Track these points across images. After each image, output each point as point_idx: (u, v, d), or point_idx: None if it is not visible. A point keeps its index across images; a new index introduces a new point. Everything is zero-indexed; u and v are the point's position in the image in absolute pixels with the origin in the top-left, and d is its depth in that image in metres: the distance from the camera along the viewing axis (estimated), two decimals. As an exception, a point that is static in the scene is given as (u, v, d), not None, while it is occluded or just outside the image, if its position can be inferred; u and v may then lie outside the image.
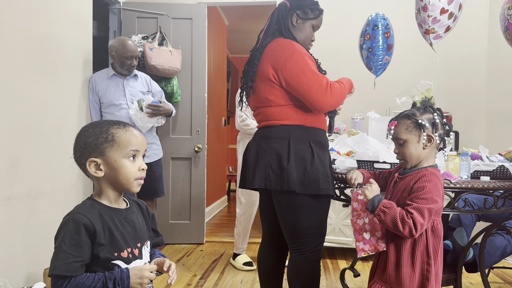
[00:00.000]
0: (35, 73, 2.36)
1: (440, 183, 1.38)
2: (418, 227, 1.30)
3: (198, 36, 3.70)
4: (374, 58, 2.91)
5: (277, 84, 1.74)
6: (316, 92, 1.68)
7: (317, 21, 1.85)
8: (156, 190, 3.03)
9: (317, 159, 1.70)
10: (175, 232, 3.71)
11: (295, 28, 1.83)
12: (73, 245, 1.04)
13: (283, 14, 1.82)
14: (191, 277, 2.93)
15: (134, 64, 2.90)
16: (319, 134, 1.79)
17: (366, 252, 1.44)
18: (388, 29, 2.88)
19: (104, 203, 1.14)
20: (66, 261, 1.03)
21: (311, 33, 1.86)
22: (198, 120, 3.73)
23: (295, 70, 1.69)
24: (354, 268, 2.39)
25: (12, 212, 2.16)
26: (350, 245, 3.31)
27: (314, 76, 1.69)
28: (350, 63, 3.60)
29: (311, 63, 1.74)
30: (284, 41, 1.76)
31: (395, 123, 1.48)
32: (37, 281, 2.23)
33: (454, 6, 2.40)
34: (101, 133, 1.12)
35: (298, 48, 1.74)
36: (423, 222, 1.30)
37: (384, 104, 3.33)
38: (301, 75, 1.69)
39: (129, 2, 3.69)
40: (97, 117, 2.93)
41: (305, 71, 1.69)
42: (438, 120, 1.42)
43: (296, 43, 1.76)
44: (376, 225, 1.44)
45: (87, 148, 1.11)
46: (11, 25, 2.16)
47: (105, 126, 1.14)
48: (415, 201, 1.33)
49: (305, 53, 1.74)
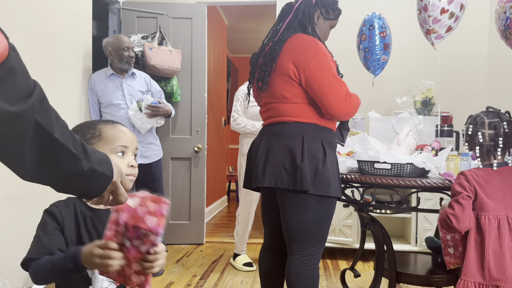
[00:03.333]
0: (35, 73, 2.34)
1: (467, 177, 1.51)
2: (451, 218, 1.47)
3: (198, 36, 3.69)
4: (372, 58, 2.90)
5: (296, 82, 1.68)
6: (336, 99, 1.66)
7: (336, 21, 1.85)
8: (156, 190, 3.02)
9: (328, 159, 1.67)
10: (175, 232, 3.70)
11: (315, 26, 1.79)
12: (46, 231, 1.03)
13: (309, 9, 1.76)
14: (191, 278, 2.92)
15: (132, 55, 2.89)
16: (331, 135, 1.77)
17: (453, 265, 1.63)
18: (384, 29, 2.87)
19: (84, 201, 1.11)
20: (39, 245, 1.01)
21: (328, 33, 1.85)
22: (198, 120, 3.72)
23: (318, 71, 1.65)
24: (355, 268, 2.39)
25: (11, 212, 2.15)
26: (351, 245, 3.30)
27: (336, 81, 1.67)
28: (349, 63, 3.59)
29: (333, 66, 1.71)
30: (308, 38, 1.70)
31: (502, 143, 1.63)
32: (36, 282, 2.23)
33: (455, 6, 2.39)
34: (88, 129, 1.11)
35: (322, 48, 1.70)
36: (453, 212, 1.48)
37: (384, 104, 3.32)
38: (323, 77, 1.65)
39: (128, 2, 3.69)
40: (97, 117, 2.92)
41: (328, 74, 1.66)
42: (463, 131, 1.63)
43: (320, 42, 1.72)
44: (457, 241, 1.61)
45: None
46: (10, 24, 2.15)
47: (93, 123, 1.14)
48: None
49: (328, 54, 1.71)
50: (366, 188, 1.85)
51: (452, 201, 1.50)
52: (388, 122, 2.56)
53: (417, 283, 1.99)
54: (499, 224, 1.49)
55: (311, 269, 1.73)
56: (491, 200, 1.49)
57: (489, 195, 1.50)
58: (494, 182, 1.51)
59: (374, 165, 1.79)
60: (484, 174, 1.52)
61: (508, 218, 1.50)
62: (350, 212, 3.28)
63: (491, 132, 1.55)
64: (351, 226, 3.29)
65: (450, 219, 1.47)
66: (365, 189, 1.86)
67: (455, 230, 1.51)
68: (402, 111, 2.77)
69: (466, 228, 1.48)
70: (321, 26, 1.80)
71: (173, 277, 2.94)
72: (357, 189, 1.92)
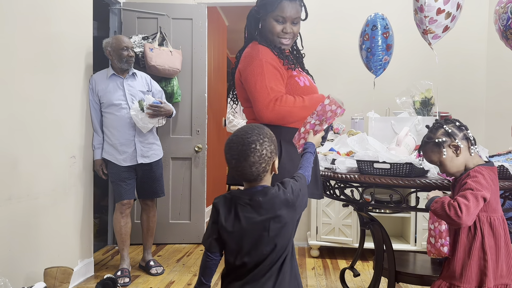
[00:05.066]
0: (36, 73, 2.36)
1: (484, 178, 1.44)
2: (463, 207, 1.37)
3: (198, 36, 3.70)
4: (374, 58, 2.91)
5: (243, 87, 1.79)
6: (258, 105, 1.69)
7: (277, 11, 1.75)
8: (156, 190, 3.04)
9: (285, 158, 1.70)
10: (175, 232, 3.71)
11: (263, 28, 1.82)
12: None
13: (253, 18, 1.85)
14: (191, 277, 2.93)
15: (131, 55, 2.91)
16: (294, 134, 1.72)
17: (433, 254, 1.57)
18: (387, 29, 2.88)
19: None
20: None
21: (278, 27, 1.77)
22: (198, 120, 3.73)
23: (249, 78, 1.71)
24: (354, 268, 2.40)
25: (12, 212, 2.16)
26: (350, 245, 3.32)
27: (262, 88, 1.68)
28: (350, 63, 3.61)
29: (270, 72, 1.70)
30: (253, 47, 1.77)
31: (420, 155, 1.60)
32: (37, 281, 2.24)
33: (451, 6, 2.39)
34: (271, 136, 1.29)
35: (261, 55, 1.72)
36: (467, 203, 1.37)
37: (384, 104, 3.34)
38: (252, 84, 1.70)
39: (129, 3, 3.70)
40: (97, 117, 2.94)
41: (256, 81, 1.69)
42: (450, 129, 1.52)
43: (262, 50, 1.74)
44: (440, 233, 1.55)
45: (272, 155, 1.27)
46: (12, 24, 2.16)
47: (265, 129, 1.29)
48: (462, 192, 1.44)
49: (267, 61, 1.71)
50: (366, 187, 1.86)
51: (469, 192, 1.39)
52: (387, 122, 2.57)
53: (416, 282, 2.00)
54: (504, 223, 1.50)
55: None
56: (495, 201, 1.49)
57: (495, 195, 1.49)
58: (495, 181, 1.50)
59: (373, 165, 1.80)
60: (492, 172, 1.50)
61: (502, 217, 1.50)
62: (349, 212, 3.29)
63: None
64: (350, 226, 3.30)
65: (461, 208, 1.36)
66: (364, 189, 1.87)
67: (455, 222, 1.38)
68: (402, 111, 2.78)
69: (469, 224, 1.41)
70: (265, 24, 1.81)
71: (173, 276, 2.95)
72: (356, 188, 1.93)
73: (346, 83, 3.66)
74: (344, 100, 1.84)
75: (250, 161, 1.22)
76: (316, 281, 2.87)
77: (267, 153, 1.24)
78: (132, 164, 2.91)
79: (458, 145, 1.49)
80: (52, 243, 2.52)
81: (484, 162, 1.53)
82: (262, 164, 1.23)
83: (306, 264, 3.25)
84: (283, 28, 1.78)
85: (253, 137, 1.23)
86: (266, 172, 1.25)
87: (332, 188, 2.06)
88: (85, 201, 2.89)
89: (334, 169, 1.95)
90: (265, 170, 1.25)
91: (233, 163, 1.24)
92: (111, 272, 2.94)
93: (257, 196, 1.24)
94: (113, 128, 2.89)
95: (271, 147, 1.26)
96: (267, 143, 1.24)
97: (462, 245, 1.48)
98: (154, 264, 3.04)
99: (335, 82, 3.68)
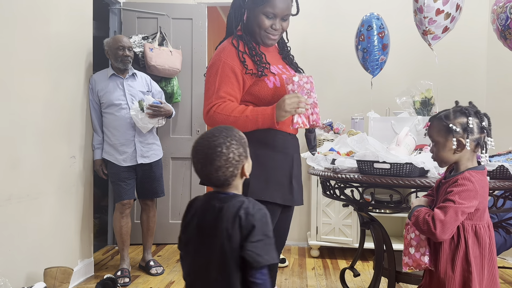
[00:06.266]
0: (36, 73, 2.36)
1: (474, 186, 1.32)
2: (437, 224, 1.29)
3: (198, 36, 3.70)
4: (370, 58, 2.91)
5: None
6: (203, 108, 1.70)
7: (268, 6, 1.66)
8: (156, 190, 3.04)
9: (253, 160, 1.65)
10: (175, 232, 3.71)
11: (248, 20, 1.73)
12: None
13: (236, 9, 1.76)
14: (191, 277, 2.93)
15: (127, 54, 2.90)
16: (267, 134, 1.67)
17: (410, 268, 1.44)
18: (382, 29, 2.88)
19: None
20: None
21: (267, 22, 1.68)
22: (198, 120, 3.73)
23: (206, 78, 1.72)
24: (354, 268, 2.39)
25: (12, 212, 2.16)
26: (350, 245, 3.32)
27: (209, 90, 1.67)
28: (350, 63, 3.60)
29: (225, 76, 1.65)
30: (221, 45, 1.74)
31: (429, 124, 1.46)
32: (37, 281, 2.24)
33: (450, 6, 2.39)
34: (241, 138, 1.21)
35: (222, 56, 1.67)
36: (443, 218, 1.29)
37: (384, 104, 3.33)
38: (205, 85, 1.72)
39: (129, 2, 3.70)
40: (97, 117, 2.94)
41: (209, 81, 1.69)
42: (472, 124, 1.36)
43: (227, 49, 1.69)
44: (421, 241, 1.43)
45: (241, 159, 1.19)
46: (11, 24, 2.16)
47: (234, 132, 1.22)
48: (443, 203, 1.33)
49: (225, 63, 1.66)
50: (366, 187, 1.86)
51: (450, 206, 1.30)
52: (387, 122, 2.57)
53: (417, 282, 2.00)
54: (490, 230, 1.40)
55: None
56: (483, 208, 1.38)
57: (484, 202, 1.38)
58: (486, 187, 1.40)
59: (373, 165, 1.80)
60: (483, 177, 1.39)
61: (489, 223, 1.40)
62: (349, 212, 3.29)
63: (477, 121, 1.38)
64: (350, 226, 3.30)
65: (435, 225, 1.29)
66: (364, 189, 1.87)
67: (432, 237, 1.32)
68: (402, 111, 2.78)
69: (445, 239, 1.34)
70: (253, 18, 1.71)
71: (173, 276, 2.95)
72: (356, 188, 1.93)
73: (346, 83, 3.66)
74: (344, 100, 1.86)
75: (216, 165, 1.14)
76: (316, 281, 2.87)
77: (235, 156, 1.16)
78: (132, 164, 2.91)
79: (464, 144, 1.35)
80: (52, 243, 2.51)
81: (476, 165, 1.40)
82: (229, 168, 1.16)
83: (306, 264, 3.25)
84: (272, 24, 1.70)
85: (220, 140, 1.16)
86: (234, 176, 1.18)
87: (332, 188, 2.06)
88: (85, 201, 2.89)
89: (334, 169, 1.95)
90: (234, 174, 1.18)
91: (199, 167, 1.17)
92: (111, 272, 2.94)
93: (213, 201, 1.19)
94: (113, 128, 2.89)
95: (239, 150, 1.18)
96: (234, 145, 1.17)
97: (444, 255, 1.37)
98: (154, 264, 3.04)
99: (335, 82, 3.67)
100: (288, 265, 3.20)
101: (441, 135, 1.40)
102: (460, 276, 1.35)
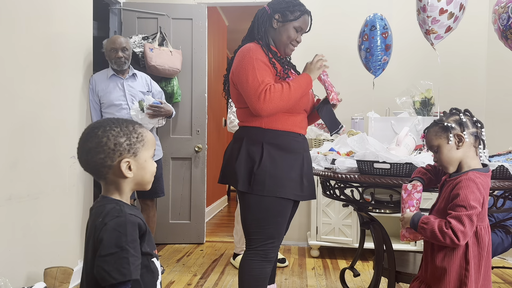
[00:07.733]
0: (36, 73, 2.36)
1: (478, 187, 1.35)
2: (460, 235, 1.30)
3: (198, 36, 3.70)
4: (373, 59, 2.91)
5: (236, 88, 1.81)
6: (251, 99, 1.70)
7: (299, 22, 1.85)
8: (156, 190, 3.04)
9: (267, 160, 1.74)
10: (175, 232, 3.71)
11: (276, 31, 1.86)
12: (135, 247, 0.98)
13: (262, 19, 1.87)
14: (191, 277, 2.93)
15: (119, 56, 2.87)
16: (278, 136, 1.79)
17: (407, 239, 1.51)
18: (386, 30, 2.88)
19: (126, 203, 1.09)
20: (136, 264, 0.96)
21: (294, 35, 1.86)
22: (198, 120, 3.73)
23: (241, 75, 1.73)
24: (354, 268, 2.40)
25: (12, 212, 2.16)
26: (350, 245, 3.32)
27: (254, 82, 1.70)
28: (350, 63, 3.60)
29: (262, 68, 1.72)
30: (246, 46, 1.80)
31: (424, 134, 1.52)
32: (37, 281, 2.24)
33: (454, 6, 2.39)
34: (131, 133, 1.06)
35: (252, 53, 1.74)
36: (464, 229, 1.30)
37: (384, 104, 3.33)
38: (243, 80, 1.72)
39: (129, 3, 3.70)
40: (98, 117, 2.93)
41: (248, 76, 1.70)
42: (465, 119, 1.43)
43: (254, 48, 1.77)
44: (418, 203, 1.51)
45: (118, 149, 1.04)
46: (12, 24, 2.16)
47: (130, 125, 1.08)
48: (454, 210, 1.34)
49: (257, 58, 1.73)
50: (366, 188, 1.86)
51: (464, 215, 1.30)
52: (387, 122, 2.57)
53: (416, 282, 2.00)
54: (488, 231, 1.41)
55: (253, 264, 1.77)
56: (484, 209, 1.39)
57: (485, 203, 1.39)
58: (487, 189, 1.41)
59: (373, 165, 1.80)
60: (486, 179, 1.41)
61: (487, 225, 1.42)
62: (349, 212, 3.29)
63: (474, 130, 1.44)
64: (350, 226, 3.30)
65: (458, 237, 1.30)
66: (364, 189, 1.87)
67: (454, 246, 1.34)
68: (402, 111, 2.78)
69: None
70: (282, 30, 1.85)
71: (173, 276, 2.95)
72: (356, 189, 1.93)
73: (346, 83, 3.66)
74: (344, 100, 1.88)
75: (87, 147, 1.03)
76: (316, 281, 2.87)
77: (110, 144, 1.02)
78: (132, 164, 2.91)
79: (463, 136, 1.40)
80: (52, 243, 2.51)
81: (481, 167, 1.43)
82: (99, 154, 1.02)
83: (306, 264, 3.25)
84: (297, 37, 1.88)
85: (102, 124, 1.05)
86: (107, 168, 1.03)
87: (332, 188, 2.06)
88: (85, 201, 2.89)
89: (334, 169, 1.95)
90: (104, 164, 1.03)
91: (77, 151, 1.06)
92: (111, 272, 2.94)
93: (95, 203, 1.09)
94: (113, 128, 2.89)
95: (120, 139, 1.03)
96: (114, 132, 1.03)
97: (443, 249, 1.39)
98: (154, 264, 3.04)
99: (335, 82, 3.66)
100: (288, 265, 3.21)
101: (439, 136, 1.44)
102: (457, 273, 1.37)
